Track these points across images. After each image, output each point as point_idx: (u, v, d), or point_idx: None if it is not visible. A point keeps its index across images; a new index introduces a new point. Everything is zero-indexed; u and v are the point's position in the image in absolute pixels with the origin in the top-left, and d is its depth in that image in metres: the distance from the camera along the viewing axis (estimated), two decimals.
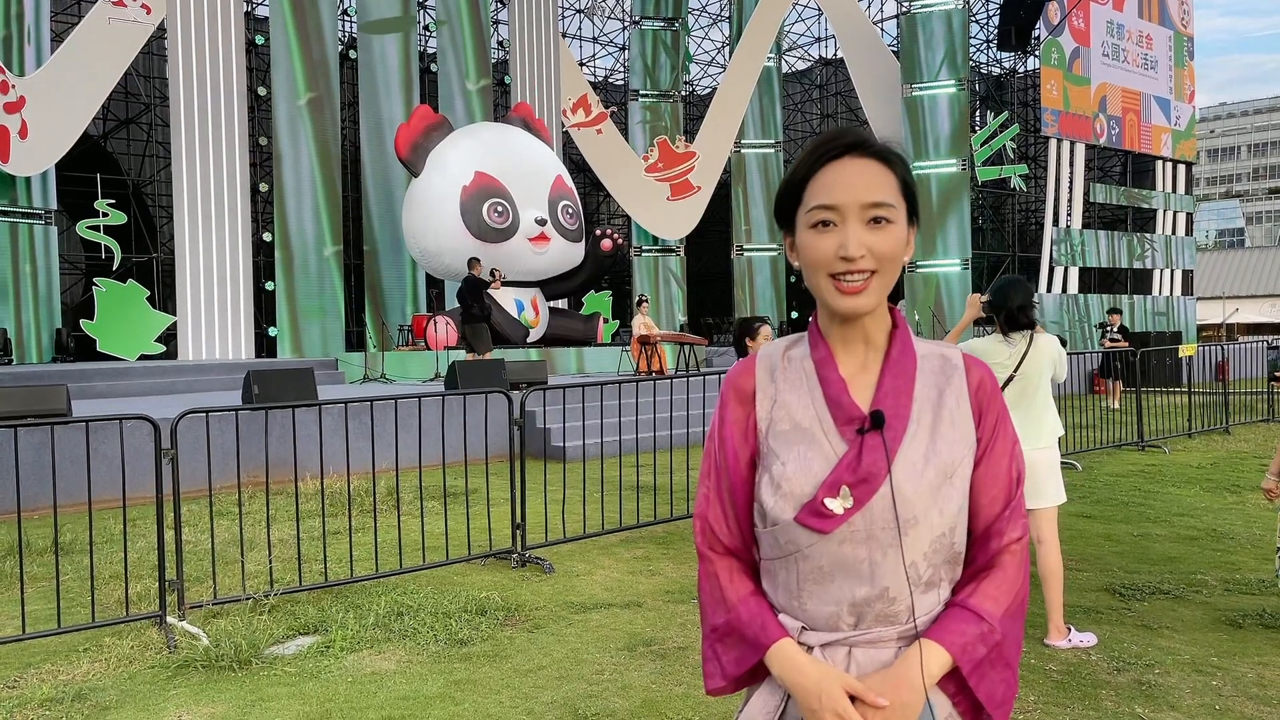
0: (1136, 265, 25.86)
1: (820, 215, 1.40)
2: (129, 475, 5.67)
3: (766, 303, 26.77)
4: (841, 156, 1.41)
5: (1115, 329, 17.13)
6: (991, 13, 26.50)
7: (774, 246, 26.75)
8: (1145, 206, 26.63)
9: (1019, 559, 1.46)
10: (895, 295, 21.63)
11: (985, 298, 4.99)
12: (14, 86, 14.73)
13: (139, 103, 21.43)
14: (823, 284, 1.41)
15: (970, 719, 1.45)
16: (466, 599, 5.56)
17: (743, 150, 26.59)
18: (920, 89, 22.95)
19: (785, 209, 1.48)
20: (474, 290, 14.16)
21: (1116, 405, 14.87)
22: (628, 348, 16.55)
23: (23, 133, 14.86)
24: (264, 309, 18.66)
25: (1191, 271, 28.34)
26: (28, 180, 15.65)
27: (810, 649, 1.42)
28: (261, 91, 19.02)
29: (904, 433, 1.41)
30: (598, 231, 18.31)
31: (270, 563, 6.00)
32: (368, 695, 4.21)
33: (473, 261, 14.59)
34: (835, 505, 1.38)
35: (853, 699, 1.35)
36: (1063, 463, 10.29)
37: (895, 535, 1.38)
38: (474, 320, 14.12)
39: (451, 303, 18.13)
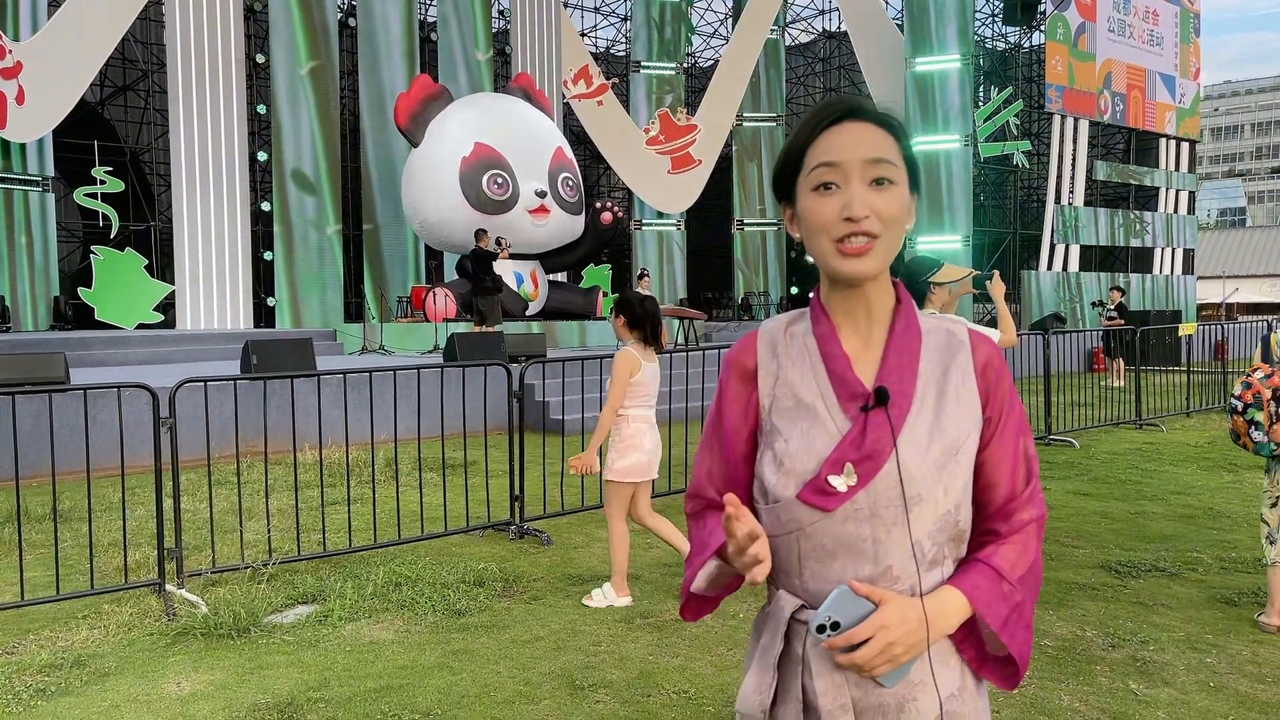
0: (1134, 243, 25.77)
1: (822, 175, 1.37)
2: (127, 444, 5.67)
3: (767, 278, 26.73)
4: (841, 121, 1.39)
5: (1113, 306, 17.08)
6: None
7: (774, 221, 26.66)
8: (1143, 184, 26.50)
9: (1035, 535, 1.46)
10: (896, 270, 21.50)
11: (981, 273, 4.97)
12: (10, 51, 14.60)
13: (136, 69, 21.27)
14: (825, 249, 1.39)
15: (985, 674, 1.46)
16: (464, 570, 5.58)
17: (745, 124, 26.44)
18: (924, 63, 22.77)
19: (784, 179, 1.45)
20: (483, 262, 14.13)
21: (1119, 383, 14.87)
22: None
23: (19, 99, 14.73)
24: (262, 279, 18.61)
25: (1192, 250, 28.26)
26: (23, 147, 15.55)
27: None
28: (260, 59, 18.86)
29: (909, 409, 1.39)
30: (598, 204, 18.23)
31: (269, 532, 6.01)
32: (365, 664, 4.23)
33: (480, 233, 14.52)
34: (839, 483, 1.37)
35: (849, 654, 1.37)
36: (1060, 440, 10.36)
37: (899, 513, 1.37)
38: (486, 293, 14.09)
39: (451, 274, 18.08)
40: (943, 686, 1.41)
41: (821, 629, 1.34)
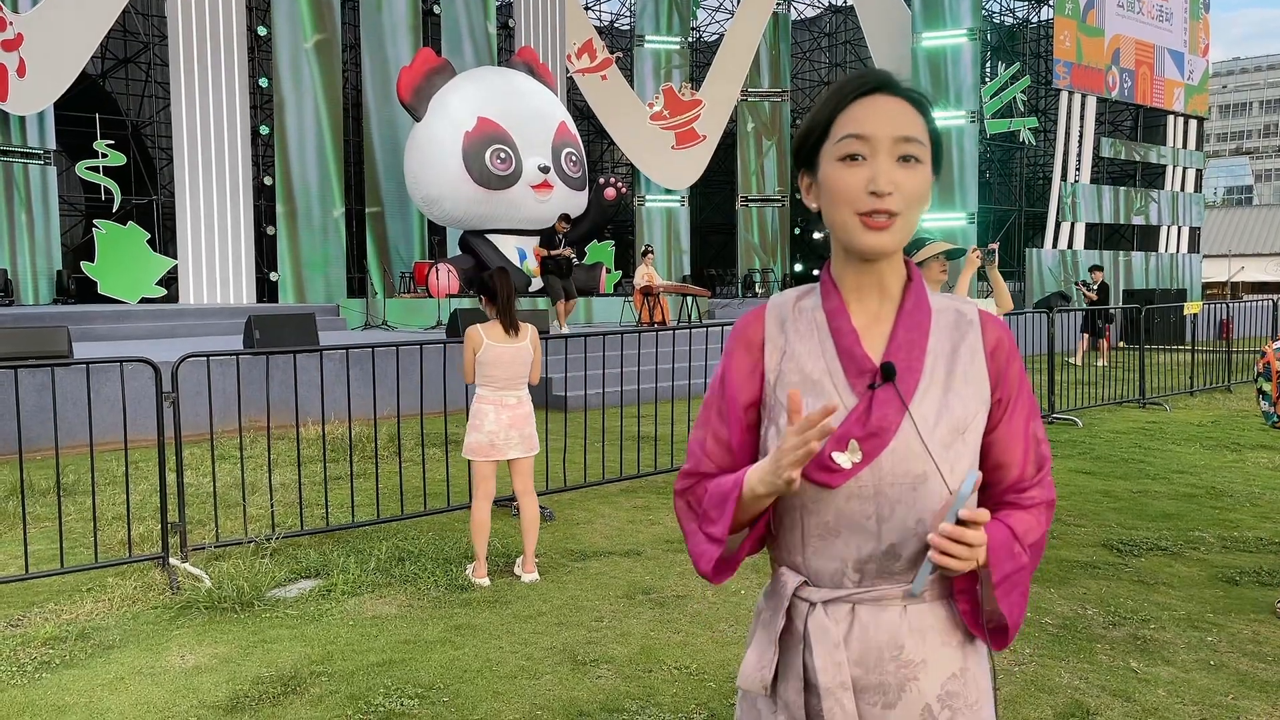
0: (1136, 220, 25.60)
1: (850, 146, 1.36)
2: (130, 418, 5.67)
3: (772, 255, 26.64)
4: (872, 93, 1.38)
5: (1096, 286, 17.03)
6: None
7: (779, 198, 26.52)
8: (1149, 161, 26.29)
9: (1045, 514, 1.46)
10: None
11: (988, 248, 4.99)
12: (11, 23, 14.50)
13: (138, 42, 21.12)
14: (847, 221, 1.37)
15: (977, 631, 1.43)
16: (467, 545, 5.60)
17: (750, 99, 26.26)
18: (931, 38, 22.57)
19: (808, 148, 1.43)
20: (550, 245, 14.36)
21: (1094, 362, 14.98)
22: (630, 298, 16.48)
23: (20, 71, 14.65)
24: (265, 253, 18.57)
25: (1198, 229, 28.09)
26: (22, 120, 15.47)
27: (812, 605, 1.41)
28: (262, 31, 18.72)
29: (916, 387, 1.38)
30: (601, 180, 18.14)
31: (272, 507, 6.03)
32: (368, 638, 4.25)
33: (564, 218, 14.75)
34: (843, 459, 1.36)
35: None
36: (1064, 419, 10.35)
37: (903, 491, 1.36)
38: (548, 273, 14.25)
39: (453, 249, 18.02)
40: (944, 667, 1.40)
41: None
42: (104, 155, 16.96)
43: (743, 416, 1.48)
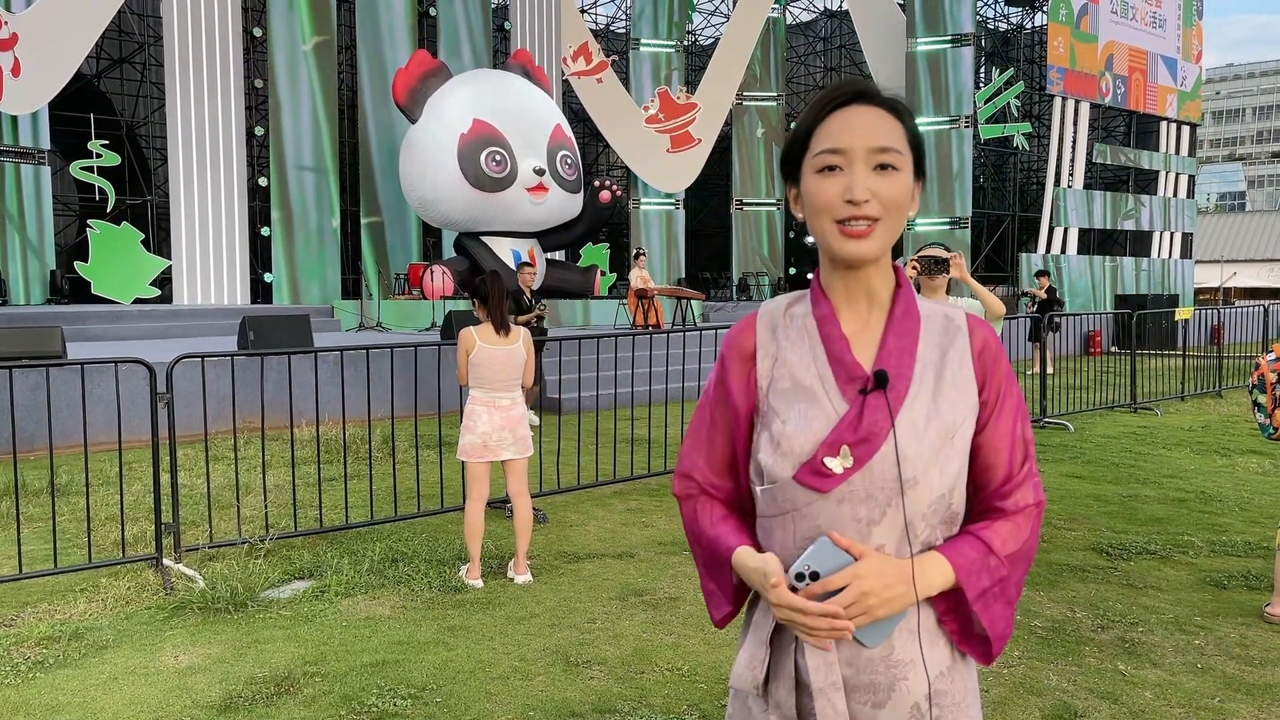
0: (1126, 226, 25.69)
1: (827, 159, 1.39)
2: (124, 418, 5.68)
3: (767, 259, 26.68)
4: (849, 104, 1.41)
5: (1043, 291, 17.02)
6: None
7: (774, 201, 26.58)
8: (1140, 166, 26.38)
9: (1033, 519, 1.47)
10: (895, 253, 21.42)
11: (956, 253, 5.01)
12: (6, 23, 14.48)
13: (133, 42, 21.09)
14: (827, 230, 1.40)
15: (966, 648, 1.46)
16: (460, 547, 5.61)
17: (745, 103, 26.31)
18: (925, 44, 22.64)
19: (791, 159, 1.47)
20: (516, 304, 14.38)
21: (1049, 370, 15.00)
22: (624, 301, 16.50)
23: (15, 70, 14.63)
24: (259, 254, 18.56)
25: (1191, 234, 28.20)
26: (16, 119, 15.44)
27: None
28: (257, 33, 18.70)
29: (906, 393, 1.41)
30: (596, 183, 18.15)
31: (266, 508, 6.04)
32: (362, 639, 4.26)
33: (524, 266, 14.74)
34: (835, 464, 1.38)
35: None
36: (1055, 423, 10.40)
37: (894, 495, 1.39)
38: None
39: (448, 251, 18.01)
40: (932, 666, 1.43)
41: (800, 578, 1.36)
42: (98, 155, 16.93)
43: (745, 428, 1.51)
